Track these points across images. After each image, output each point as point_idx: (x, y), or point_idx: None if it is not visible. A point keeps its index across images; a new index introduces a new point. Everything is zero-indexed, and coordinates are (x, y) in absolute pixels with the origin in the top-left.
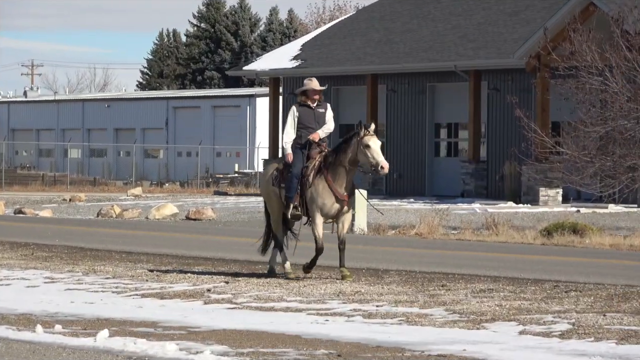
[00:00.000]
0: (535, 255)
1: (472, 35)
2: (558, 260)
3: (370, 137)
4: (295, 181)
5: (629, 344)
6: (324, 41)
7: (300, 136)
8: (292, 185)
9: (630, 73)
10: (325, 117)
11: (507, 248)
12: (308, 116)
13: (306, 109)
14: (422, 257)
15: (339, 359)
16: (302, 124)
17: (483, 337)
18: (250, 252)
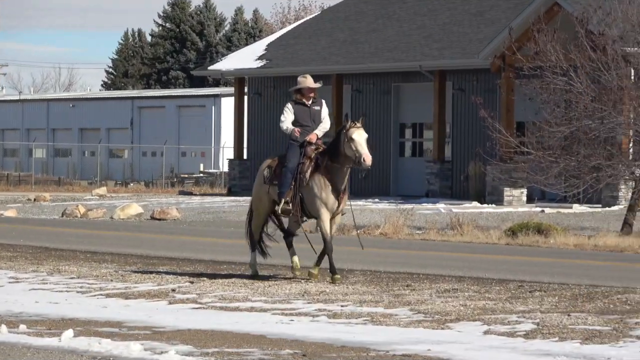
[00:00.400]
0: (500, 255)
1: (437, 35)
2: (522, 260)
3: (355, 130)
4: (290, 176)
5: (593, 344)
6: (289, 41)
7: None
8: (285, 180)
9: (594, 73)
10: (321, 115)
11: (472, 248)
12: (303, 114)
13: (301, 107)
14: (386, 257)
15: (304, 359)
16: (297, 122)
17: (448, 337)
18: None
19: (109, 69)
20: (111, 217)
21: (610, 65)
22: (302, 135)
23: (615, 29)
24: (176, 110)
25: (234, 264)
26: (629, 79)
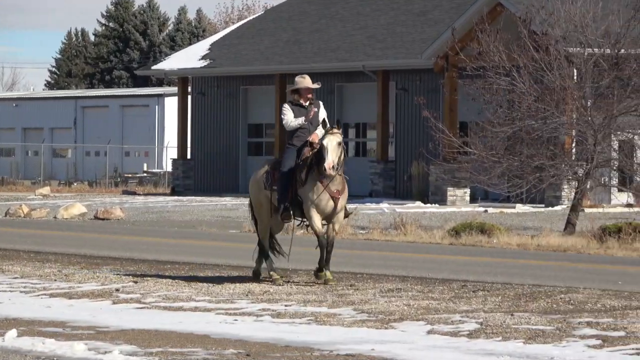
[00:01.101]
0: (443, 255)
1: (380, 35)
2: (466, 260)
3: (328, 135)
4: (285, 181)
5: (537, 344)
6: (232, 41)
7: (292, 136)
8: (282, 185)
9: (537, 73)
10: (319, 117)
11: (415, 248)
12: (300, 115)
13: (298, 108)
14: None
15: (247, 359)
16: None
17: (391, 337)
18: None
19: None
20: (55, 217)
21: (553, 65)
22: (298, 139)
23: (558, 29)
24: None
25: (178, 263)
26: (572, 79)
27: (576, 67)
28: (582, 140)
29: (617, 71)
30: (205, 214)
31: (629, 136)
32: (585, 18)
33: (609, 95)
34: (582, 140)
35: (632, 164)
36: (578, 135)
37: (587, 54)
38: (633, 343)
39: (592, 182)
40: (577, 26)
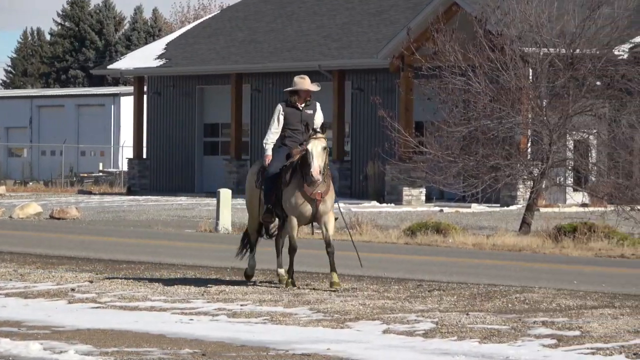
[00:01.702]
0: (399, 254)
1: (336, 35)
2: (421, 259)
3: (312, 140)
4: (270, 181)
5: (492, 343)
6: (188, 40)
7: (284, 136)
8: (267, 185)
9: (492, 73)
10: (315, 120)
11: (371, 247)
12: (294, 117)
13: (293, 110)
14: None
15: (203, 358)
16: (287, 125)
17: (347, 336)
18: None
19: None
20: (10, 217)
21: (508, 65)
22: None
23: (513, 29)
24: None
25: (134, 263)
26: (527, 79)
27: (531, 67)
28: (537, 140)
29: (572, 71)
30: (161, 214)
31: (584, 136)
32: (540, 18)
33: (565, 95)
34: (537, 140)
35: (587, 163)
36: (533, 135)
37: (543, 53)
38: (588, 342)
39: (548, 182)
40: (532, 26)
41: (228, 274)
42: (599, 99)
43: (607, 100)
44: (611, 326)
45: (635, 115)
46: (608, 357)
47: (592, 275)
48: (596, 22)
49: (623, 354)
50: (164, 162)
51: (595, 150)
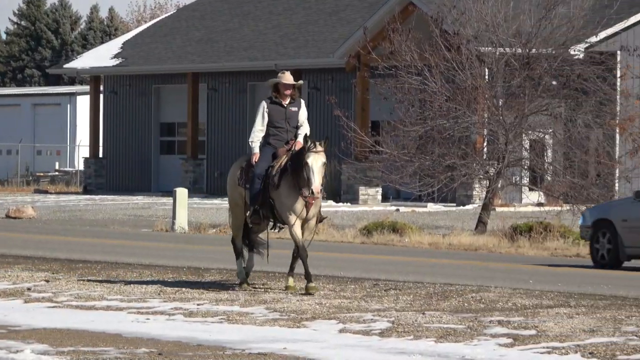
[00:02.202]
0: (355, 254)
1: (292, 34)
2: (377, 259)
3: (312, 154)
4: (258, 182)
5: (448, 342)
6: (145, 40)
7: (268, 134)
8: (254, 186)
9: (449, 73)
10: (299, 118)
11: (328, 247)
12: (278, 114)
13: (277, 107)
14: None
15: (160, 358)
16: (270, 123)
17: (303, 336)
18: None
19: None
20: None
21: (464, 64)
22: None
23: (469, 29)
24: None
25: (90, 262)
26: (483, 79)
27: (488, 67)
28: (493, 140)
29: (528, 70)
30: (117, 213)
31: (540, 135)
32: (496, 18)
33: (520, 95)
34: (493, 140)
35: (543, 163)
36: (489, 134)
37: (499, 53)
38: (544, 342)
39: (504, 181)
40: (488, 26)
41: (184, 273)
42: (554, 98)
43: (563, 99)
44: (567, 325)
45: (590, 114)
46: (564, 356)
47: (548, 275)
48: (552, 22)
49: (579, 353)
50: (121, 161)
51: (551, 150)
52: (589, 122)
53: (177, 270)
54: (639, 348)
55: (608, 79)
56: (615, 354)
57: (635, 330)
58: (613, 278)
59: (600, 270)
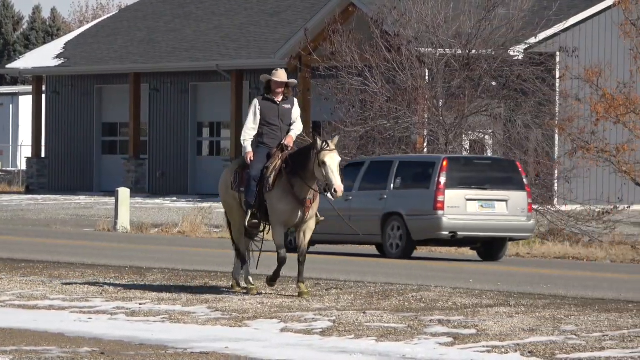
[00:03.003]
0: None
1: (234, 35)
2: (320, 258)
3: (328, 153)
4: (254, 184)
5: (389, 341)
6: (87, 40)
7: (262, 133)
8: (250, 188)
9: (389, 74)
10: (292, 115)
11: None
12: (271, 112)
13: (270, 104)
14: (184, 255)
15: (102, 357)
16: (263, 120)
17: (245, 335)
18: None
19: None
20: None
21: (405, 65)
22: (269, 138)
23: (409, 30)
24: None
25: (32, 262)
26: (423, 80)
27: (428, 68)
28: (433, 140)
29: (468, 71)
30: (60, 213)
31: (480, 136)
32: (436, 19)
33: (460, 96)
34: (433, 140)
35: None
36: (430, 135)
37: (439, 54)
38: (484, 341)
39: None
40: (428, 27)
41: (127, 273)
42: (494, 99)
43: (502, 100)
44: (507, 324)
45: (530, 115)
46: (504, 355)
47: (488, 274)
48: (492, 23)
49: (518, 352)
50: (63, 161)
51: (491, 150)
52: (529, 122)
53: (119, 270)
54: (578, 347)
55: (547, 80)
56: (554, 353)
57: (574, 329)
58: (552, 278)
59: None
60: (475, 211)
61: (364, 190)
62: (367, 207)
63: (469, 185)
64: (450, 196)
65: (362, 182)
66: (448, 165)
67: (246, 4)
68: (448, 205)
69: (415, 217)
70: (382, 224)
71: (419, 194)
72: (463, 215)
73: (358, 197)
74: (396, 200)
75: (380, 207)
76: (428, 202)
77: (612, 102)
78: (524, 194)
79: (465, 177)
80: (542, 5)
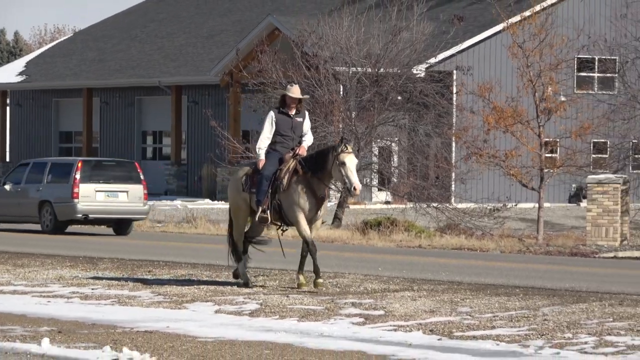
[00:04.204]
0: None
1: (174, 55)
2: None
3: (347, 155)
4: (266, 184)
5: (309, 321)
6: (46, 59)
7: (275, 142)
8: (262, 188)
9: (309, 89)
10: (303, 127)
11: (204, 239)
12: (285, 124)
13: (284, 117)
14: (131, 247)
15: (59, 335)
16: (277, 131)
17: (184, 316)
18: None
19: None
20: None
21: (322, 82)
22: (281, 146)
23: (326, 51)
24: None
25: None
26: (338, 94)
27: (342, 84)
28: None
29: (377, 87)
30: None
31: (387, 143)
32: (349, 41)
33: (370, 108)
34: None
35: (390, 167)
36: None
37: (352, 72)
38: (391, 320)
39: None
40: (342, 48)
41: (81, 262)
42: (400, 111)
43: (407, 112)
44: (411, 307)
45: (430, 125)
46: (408, 333)
47: (395, 263)
48: (397, 45)
49: (420, 331)
50: None
51: (397, 156)
52: (429, 131)
53: (74, 260)
54: (472, 326)
55: (445, 95)
56: (452, 331)
57: (469, 310)
58: (450, 266)
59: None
60: (102, 200)
61: (29, 184)
62: (30, 196)
63: (98, 180)
64: (83, 188)
65: (27, 177)
66: (82, 166)
67: (185, 28)
68: (82, 195)
69: (60, 204)
70: (39, 209)
71: (62, 187)
72: (93, 203)
73: (24, 188)
74: (48, 191)
75: (37, 196)
76: (68, 193)
77: (502, 114)
78: (141, 186)
79: (95, 175)
80: (441, 29)
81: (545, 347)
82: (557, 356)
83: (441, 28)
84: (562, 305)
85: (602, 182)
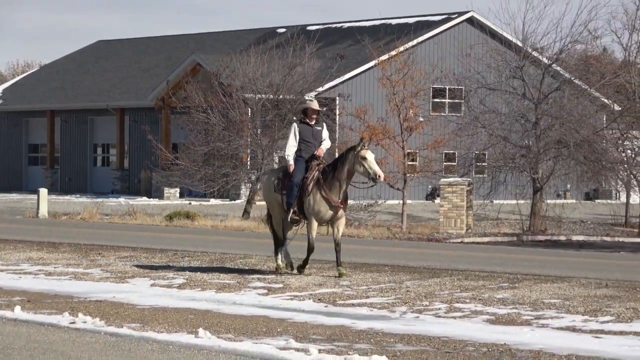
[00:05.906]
0: (162, 233)
1: (119, 84)
2: (177, 236)
3: (366, 151)
4: (296, 189)
5: (224, 293)
6: (18, 87)
7: (300, 149)
8: (292, 192)
9: (224, 111)
10: (322, 135)
11: (143, 228)
12: (307, 132)
13: (305, 126)
14: (85, 234)
15: (29, 304)
16: (301, 139)
17: (126, 288)
18: None
19: None
20: None
21: (235, 105)
22: (306, 152)
23: (238, 81)
24: None
25: None
26: (247, 115)
27: (250, 107)
28: (254, 156)
29: (277, 110)
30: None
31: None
32: (256, 74)
33: (272, 126)
34: (254, 156)
35: None
36: (251, 152)
37: (257, 98)
38: (288, 292)
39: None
40: (250, 79)
41: (45, 246)
42: None
43: None
44: (303, 281)
45: None
46: (302, 301)
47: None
48: (293, 77)
49: (311, 299)
50: (0, 169)
51: None
52: None
53: (40, 244)
54: (351, 296)
55: (330, 116)
56: (336, 300)
57: (349, 284)
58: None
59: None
60: None
61: None
62: None
63: None
64: None
65: None
66: None
67: (126, 63)
68: None
69: None
70: None
71: None
72: None
73: None
74: None
75: None
76: None
77: (374, 131)
78: None
79: None
80: (327, 65)
81: (408, 312)
82: (417, 320)
83: (327, 64)
84: (421, 279)
85: (451, 184)
